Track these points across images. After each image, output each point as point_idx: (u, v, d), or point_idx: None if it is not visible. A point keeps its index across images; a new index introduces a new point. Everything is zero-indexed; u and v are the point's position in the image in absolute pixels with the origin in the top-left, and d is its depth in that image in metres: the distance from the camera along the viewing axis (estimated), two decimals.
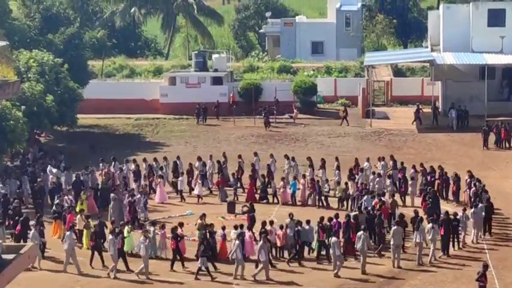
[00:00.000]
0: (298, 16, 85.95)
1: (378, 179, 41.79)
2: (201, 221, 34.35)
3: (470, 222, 35.50)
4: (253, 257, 32.64)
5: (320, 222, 33.50)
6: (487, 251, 34.31)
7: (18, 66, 49.34)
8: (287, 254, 33.55)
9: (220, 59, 66.62)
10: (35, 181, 42.20)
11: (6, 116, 44.16)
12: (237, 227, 33.81)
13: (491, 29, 60.90)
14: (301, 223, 33.49)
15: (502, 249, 34.85)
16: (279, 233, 33.48)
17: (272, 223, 34.13)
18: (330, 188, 41.86)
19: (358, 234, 32.34)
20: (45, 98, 50.39)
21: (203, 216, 34.71)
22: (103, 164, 45.47)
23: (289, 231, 33.50)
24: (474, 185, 39.64)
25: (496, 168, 48.72)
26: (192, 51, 74.13)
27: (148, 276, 31.70)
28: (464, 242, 34.98)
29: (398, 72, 70.61)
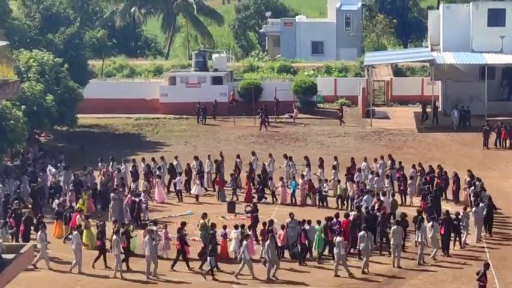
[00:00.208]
0: (298, 16, 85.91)
1: (377, 179, 41.81)
2: (203, 220, 34.25)
3: (472, 221, 35.51)
4: (254, 256, 32.65)
5: (328, 222, 33.54)
6: (487, 251, 34.30)
7: (18, 66, 49.34)
8: (287, 254, 33.51)
9: (220, 59, 66.59)
10: (35, 181, 42.19)
11: (6, 116, 44.13)
12: (237, 226, 33.84)
13: (491, 28, 60.90)
14: (307, 222, 33.44)
15: (502, 248, 34.84)
16: (280, 232, 33.45)
17: (272, 222, 34.10)
18: (329, 188, 41.86)
19: (360, 234, 32.32)
20: (45, 98, 50.37)
21: (205, 215, 34.63)
22: (102, 164, 45.47)
23: (290, 231, 33.50)
24: (474, 184, 39.66)
25: (496, 168, 48.72)
26: (192, 51, 74.11)
27: (149, 276, 31.61)
28: (465, 241, 35.00)
29: (399, 72, 70.58)
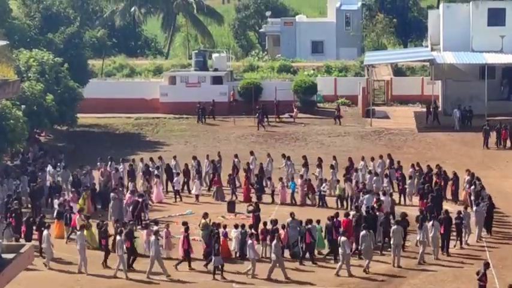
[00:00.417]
0: (298, 15, 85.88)
1: (375, 178, 41.79)
2: (204, 220, 34.20)
3: (473, 221, 35.50)
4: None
5: (331, 221, 33.54)
6: (487, 250, 34.29)
7: (18, 65, 49.37)
8: (287, 254, 33.52)
9: (220, 59, 66.59)
10: (35, 181, 42.16)
11: (6, 116, 44.15)
12: (237, 226, 33.83)
13: (491, 28, 60.92)
14: (309, 222, 33.46)
15: (502, 248, 34.81)
16: (280, 232, 33.38)
17: (277, 222, 33.94)
18: (328, 188, 41.83)
19: (362, 233, 32.28)
20: (45, 98, 50.40)
21: (206, 215, 34.57)
22: (100, 164, 45.47)
23: (290, 231, 33.47)
24: (474, 183, 39.65)
25: (496, 167, 48.71)
26: (192, 51, 74.11)
27: (149, 276, 31.54)
28: (466, 241, 34.98)
29: (399, 71, 70.57)
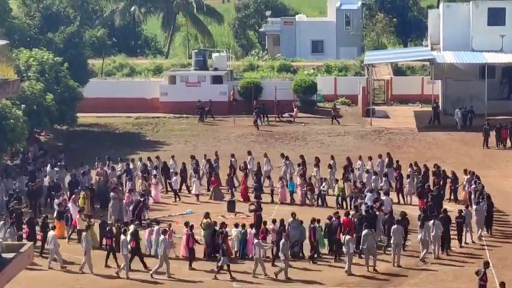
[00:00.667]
0: (298, 15, 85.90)
1: (374, 177, 41.76)
2: (206, 220, 34.14)
3: (473, 219, 35.50)
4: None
5: (338, 220, 33.55)
6: (487, 250, 34.30)
7: (18, 65, 49.34)
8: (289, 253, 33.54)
9: (220, 58, 66.55)
10: (34, 180, 42.01)
11: (6, 115, 44.16)
12: (237, 225, 33.83)
13: (491, 27, 60.89)
14: (316, 221, 33.49)
15: (502, 247, 34.83)
16: None
17: (275, 222, 34.03)
18: (328, 187, 41.83)
19: (364, 232, 32.25)
20: (45, 97, 50.39)
21: (207, 215, 34.50)
22: (97, 163, 45.45)
23: (291, 231, 33.42)
24: (475, 182, 39.63)
25: (496, 167, 48.70)
26: (192, 50, 74.08)
27: (170, 275, 31.58)
28: (465, 240, 34.98)
29: (399, 71, 70.56)
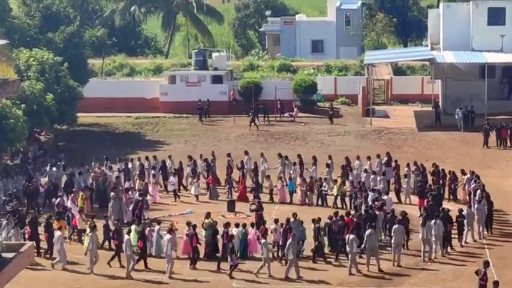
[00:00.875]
0: (298, 15, 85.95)
1: (373, 177, 41.75)
2: (207, 220, 34.09)
3: (475, 219, 35.50)
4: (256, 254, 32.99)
5: (342, 220, 33.55)
6: (487, 249, 34.30)
7: (18, 64, 49.32)
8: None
9: (220, 58, 66.58)
10: (31, 180, 41.89)
11: (6, 115, 44.16)
12: (238, 225, 33.83)
13: (491, 27, 60.89)
14: (319, 220, 33.49)
15: (502, 247, 34.82)
16: (281, 231, 33.39)
17: (277, 221, 33.98)
18: (329, 187, 41.83)
19: (368, 232, 32.21)
20: (45, 97, 50.39)
21: (209, 215, 34.47)
22: (95, 163, 45.43)
23: (292, 231, 33.37)
24: (475, 181, 39.63)
25: (496, 167, 48.68)
26: (192, 50, 74.12)
27: (171, 275, 31.55)
28: (465, 240, 34.99)
29: (399, 70, 70.58)
